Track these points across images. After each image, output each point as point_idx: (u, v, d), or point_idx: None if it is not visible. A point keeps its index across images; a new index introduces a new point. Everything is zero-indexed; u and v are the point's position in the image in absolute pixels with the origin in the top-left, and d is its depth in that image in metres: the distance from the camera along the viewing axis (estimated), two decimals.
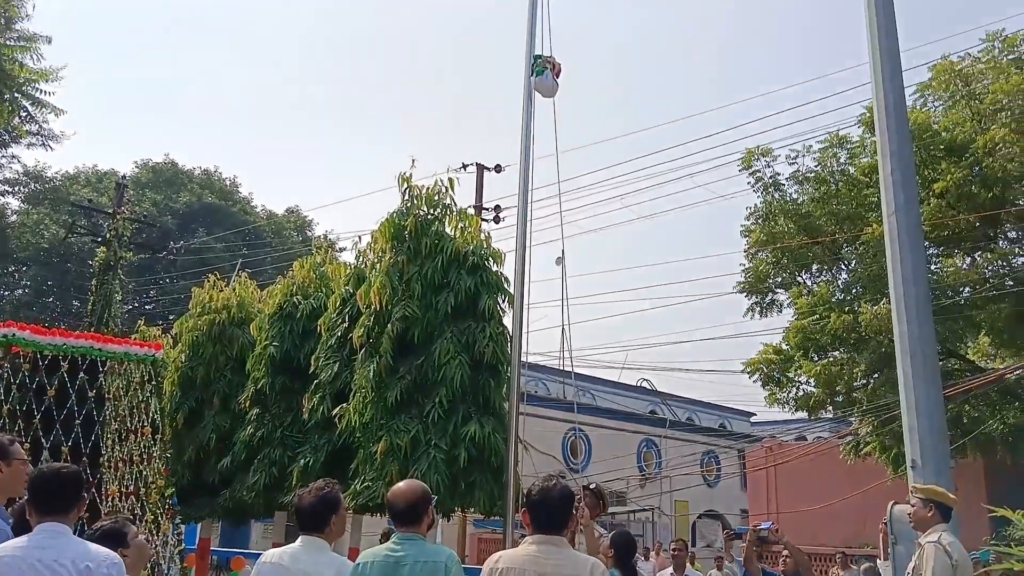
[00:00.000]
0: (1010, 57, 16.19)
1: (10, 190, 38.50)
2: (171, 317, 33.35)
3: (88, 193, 37.41)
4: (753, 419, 41.82)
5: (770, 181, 18.41)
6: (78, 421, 9.32)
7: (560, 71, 9.61)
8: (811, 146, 18.15)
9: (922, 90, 17.11)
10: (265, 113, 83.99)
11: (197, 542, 12.94)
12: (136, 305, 38.03)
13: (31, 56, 17.07)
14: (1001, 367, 17.03)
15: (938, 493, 5.60)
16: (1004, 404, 16.17)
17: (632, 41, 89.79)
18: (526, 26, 9.69)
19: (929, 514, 5.48)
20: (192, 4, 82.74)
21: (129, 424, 9.70)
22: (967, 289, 16.47)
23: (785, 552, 8.21)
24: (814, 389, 17.93)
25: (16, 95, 16.98)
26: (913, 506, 5.67)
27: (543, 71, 9.47)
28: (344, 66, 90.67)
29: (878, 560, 11.20)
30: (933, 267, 16.84)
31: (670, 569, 9.59)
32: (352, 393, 9.32)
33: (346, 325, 10.01)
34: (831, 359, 17.49)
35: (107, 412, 9.62)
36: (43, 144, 27.32)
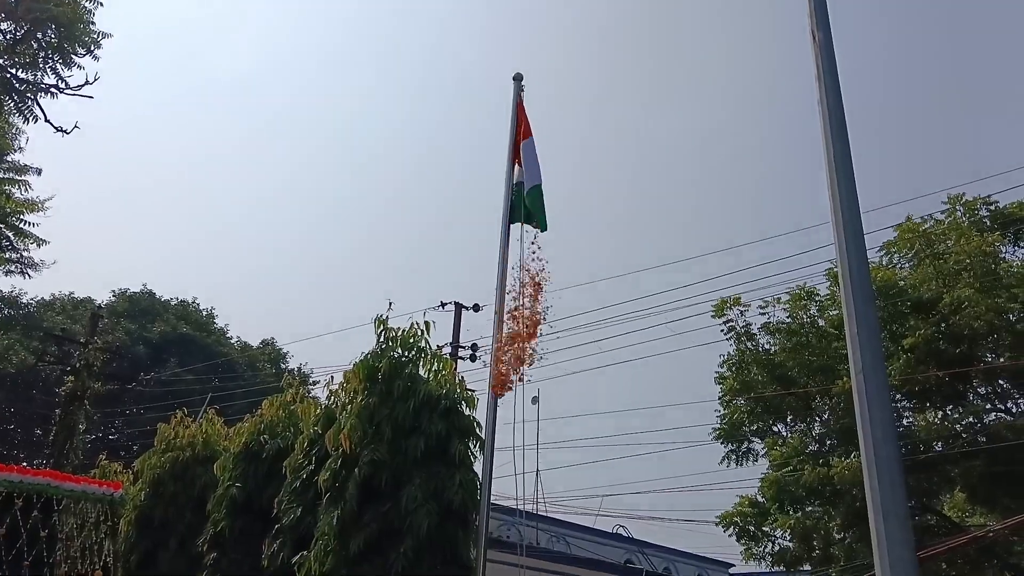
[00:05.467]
0: (971, 220, 16.86)
1: None
2: (135, 448, 32.58)
3: (62, 321, 37.23)
4: (732, 570, 40.57)
5: (742, 330, 18.66)
6: (27, 562, 8.95)
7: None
8: (780, 297, 18.52)
9: (888, 247, 17.68)
10: (246, 245, 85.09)
11: None
12: (100, 435, 37.13)
13: (19, 187, 17.32)
14: (978, 524, 16.85)
15: None
16: (983, 563, 15.91)
17: (620, 200, 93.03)
18: (504, 177, 10.11)
19: None
20: (173, 144, 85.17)
21: (80, 567, 9.31)
22: (940, 444, 16.49)
23: None
24: (790, 544, 17.57)
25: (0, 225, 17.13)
26: None
27: None
28: (328, 200, 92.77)
29: None
30: (905, 421, 16.93)
31: None
32: (314, 540, 9.01)
33: (312, 467, 9.76)
34: (806, 512, 17.23)
35: (58, 553, 9.26)
36: (21, 271, 27.33)
